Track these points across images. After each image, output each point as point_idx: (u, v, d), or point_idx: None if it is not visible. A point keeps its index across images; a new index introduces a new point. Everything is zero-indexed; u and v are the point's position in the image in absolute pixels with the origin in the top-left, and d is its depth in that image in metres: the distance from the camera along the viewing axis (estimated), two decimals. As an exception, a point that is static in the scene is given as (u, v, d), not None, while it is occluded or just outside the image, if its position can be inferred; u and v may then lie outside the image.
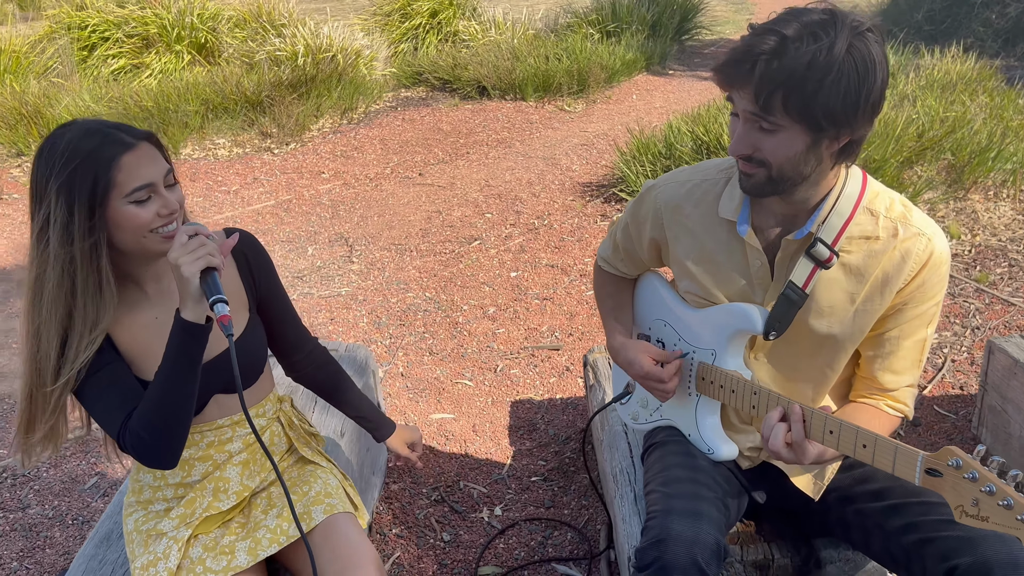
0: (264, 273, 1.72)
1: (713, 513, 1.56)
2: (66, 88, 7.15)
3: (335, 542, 1.61)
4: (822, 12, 1.36)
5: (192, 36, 8.29)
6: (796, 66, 1.29)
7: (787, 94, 1.31)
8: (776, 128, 1.36)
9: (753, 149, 1.41)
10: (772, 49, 1.30)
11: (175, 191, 1.48)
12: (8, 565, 2.36)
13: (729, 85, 1.39)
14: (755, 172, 1.44)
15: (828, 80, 1.31)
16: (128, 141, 1.42)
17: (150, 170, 1.42)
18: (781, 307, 1.57)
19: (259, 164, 6.13)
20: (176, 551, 1.59)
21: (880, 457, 1.35)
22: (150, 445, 1.46)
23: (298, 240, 4.81)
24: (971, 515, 1.21)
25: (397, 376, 3.26)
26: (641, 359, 1.75)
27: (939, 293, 1.55)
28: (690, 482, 1.63)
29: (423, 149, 6.36)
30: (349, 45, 7.88)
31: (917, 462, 1.29)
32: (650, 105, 7.61)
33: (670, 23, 10.18)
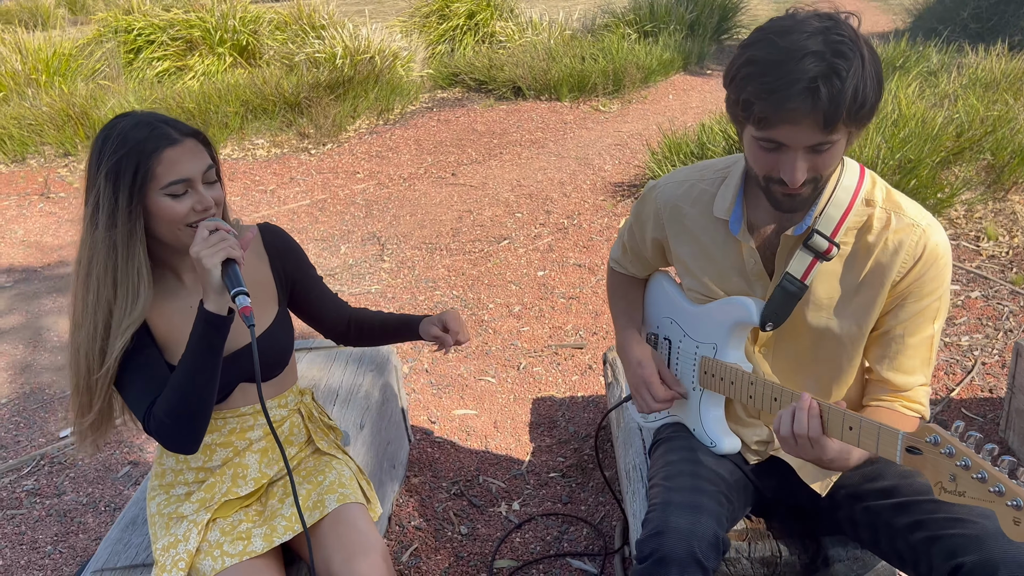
0: (293, 260, 1.79)
1: (712, 507, 1.58)
2: (112, 90, 7.35)
3: (343, 529, 1.65)
4: (819, 18, 1.35)
5: (234, 39, 8.46)
6: (853, 81, 1.28)
7: (849, 109, 1.29)
8: (831, 144, 1.35)
9: (809, 172, 1.39)
10: (823, 72, 1.27)
11: (215, 189, 1.54)
12: (43, 549, 2.46)
13: (785, 122, 1.32)
14: (803, 190, 1.42)
15: (872, 81, 1.31)
16: (173, 136, 1.49)
17: (188, 166, 1.48)
18: (778, 298, 1.58)
19: (296, 164, 6.24)
20: (195, 534, 1.65)
21: (865, 438, 1.36)
22: (172, 430, 1.52)
23: (332, 239, 4.89)
24: (949, 491, 1.21)
25: (422, 372, 3.31)
26: (650, 367, 1.77)
27: (940, 287, 1.54)
28: (691, 476, 1.65)
29: (457, 149, 6.42)
30: (387, 47, 7.98)
31: (898, 440, 1.29)
32: (686, 105, 7.57)
33: (709, 22, 10.12)
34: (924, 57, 6.92)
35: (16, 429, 3.07)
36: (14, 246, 5.02)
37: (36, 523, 2.56)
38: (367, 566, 1.57)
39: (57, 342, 3.78)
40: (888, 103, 5.30)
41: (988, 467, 1.17)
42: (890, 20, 10.88)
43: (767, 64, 1.32)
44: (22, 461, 2.84)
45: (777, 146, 1.38)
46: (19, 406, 3.23)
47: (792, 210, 1.49)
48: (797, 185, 1.39)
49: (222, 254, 1.41)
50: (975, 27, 8.79)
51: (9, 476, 2.78)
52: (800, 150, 1.36)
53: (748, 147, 1.45)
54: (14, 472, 2.80)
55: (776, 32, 1.34)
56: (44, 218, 5.46)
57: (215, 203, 1.54)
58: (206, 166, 1.51)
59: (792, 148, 1.36)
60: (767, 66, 1.32)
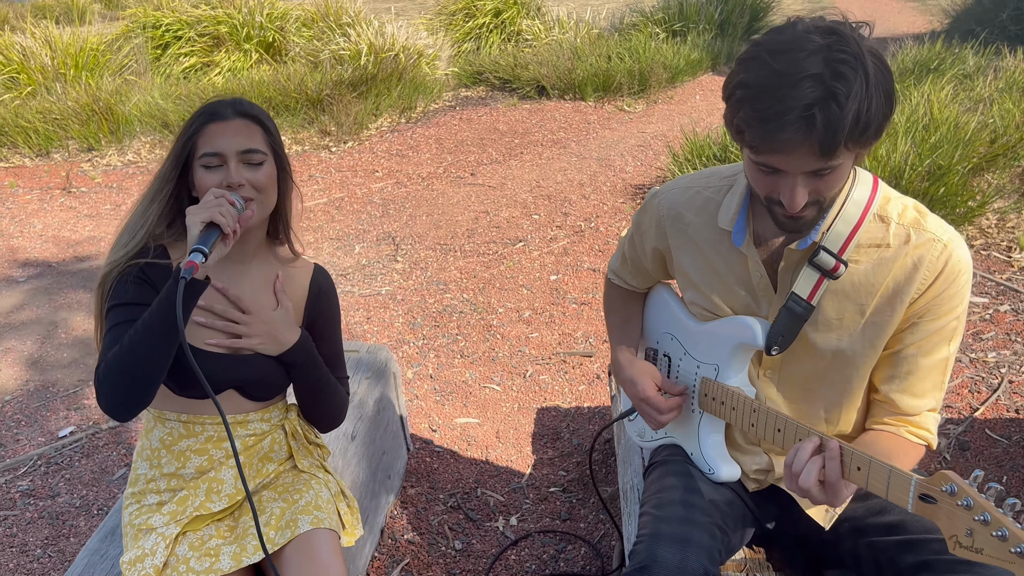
0: (321, 308, 1.77)
1: (703, 540, 1.48)
2: (139, 86, 7.38)
3: (305, 557, 1.59)
4: (822, 33, 1.23)
5: (260, 35, 8.46)
6: (854, 105, 1.17)
7: (850, 135, 1.20)
8: (833, 168, 1.26)
9: (811, 195, 1.30)
10: (820, 97, 1.17)
11: (254, 172, 1.53)
12: (32, 552, 2.42)
13: (780, 150, 1.23)
14: (806, 212, 1.33)
15: (877, 102, 1.21)
16: (224, 114, 1.55)
17: (225, 141, 1.52)
18: (784, 320, 1.48)
19: (316, 162, 6.21)
20: (163, 548, 1.59)
21: (874, 480, 1.26)
22: (109, 385, 1.47)
23: (347, 238, 4.84)
24: (965, 546, 1.11)
25: (426, 378, 3.24)
26: (645, 382, 1.68)
27: (958, 306, 1.43)
28: (682, 506, 1.56)
29: (477, 149, 6.35)
30: (411, 44, 7.93)
31: (911, 487, 1.19)
32: (713, 106, 7.43)
33: (739, 22, 9.96)
34: (960, 59, 6.72)
35: (17, 427, 3.05)
36: (32, 240, 5.03)
37: (28, 525, 2.53)
38: None
39: (67, 339, 3.77)
40: (920, 107, 5.13)
41: (1010, 524, 1.06)
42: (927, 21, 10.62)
43: (760, 89, 1.22)
44: (19, 461, 2.82)
45: (775, 171, 1.29)
46: (23, 403, 3.21)
47: (797, 231, 1.40)
48: (797, 210, 1.30)
49: (206, 214, 1.40)
50: (1014, 29, 8.53)
51: (5, 476, 2.75)
52: (799, 175, 1.27)
53: (747, 168, 1.36)
54: (10, 472, 2.77)
55: (772, 50, 1.22)
56: (64, 213, 5.48)
57: (251, 186, 1.53)
58: (247, 147, 1.52)
59: (790, 174, 1.27)
60: (760, 91, 1.22)
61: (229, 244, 1.44)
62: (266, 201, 1.57)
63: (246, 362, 1.64)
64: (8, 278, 4.48)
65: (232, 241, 1.45)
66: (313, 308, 1.74)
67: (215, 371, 1.62)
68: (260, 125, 1.56)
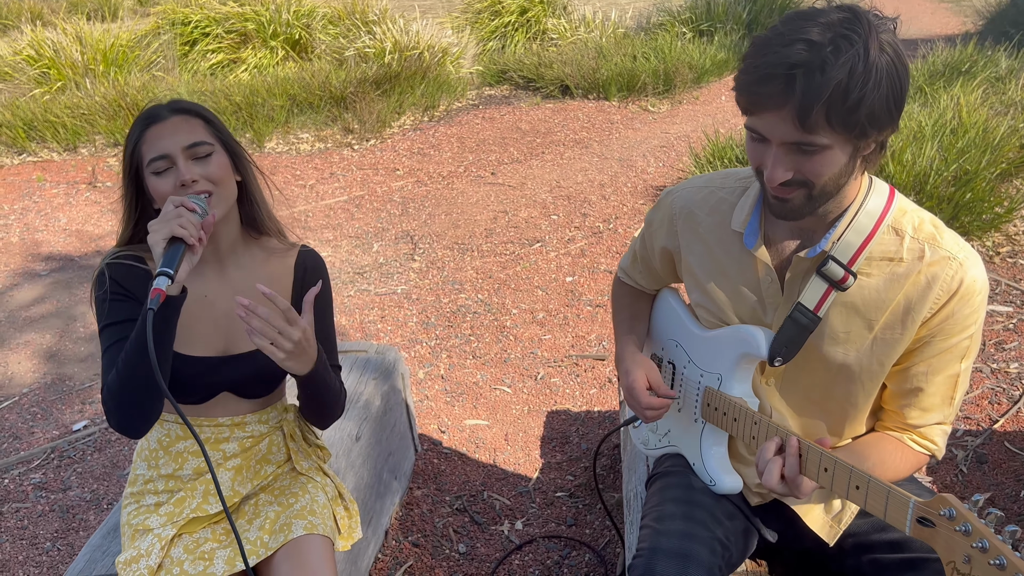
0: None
1: (703, 555, 1.45)
2: (166, 82, 7.45)
3: (296, 563, 1.58)
4: (840, 10, 1.23)
5: (287, 32, 8.51)
6: (839, 76, 1.15)
7: (831, 108, 1.17)
8: (819, 148, 1.23)
9: (794, 172, 1.26)
10: (807, 60, 1.15)
11: (205, 165, 1.50)
12: (42, 545, 2.45)
13: (761, 108, 1.22)
14: (793, 195, 1.29)
15: (870, 85, 1.17)
16: (160, 115, 1.51)
17: (168, 141, 1.48)
18: (789, 330, 1.44)
19: (338, 159, 6.23)
20: (159, 549, 1.59)
21: (872, 501, 1.23)
22: (113, 409, 1.48)
23: (365, 236, 4.85)
24: (963, 573, 1.07)
25: (437, 378, 3.23)
26: (637, 375, 1.63)
27: (972, 326, 1.39)
28: (683, 519, 1.53)
29: (499, 148, 6.33)
30: (436, 43, 7.93)
31: (908, 509, 1.16)
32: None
33: (768, 22, 9.84)
34: (992, 62, 6.58)
35: (33, 420, 3.08)
36: (56, 234, 5.10)
37: (39, 518, 2.56)
38: None
39: (84, 333, 3.81)
40: (948, 110, 5.04)
41: (1008, 553, 1.02)
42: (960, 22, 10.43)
43: (759, 45, 1.23)
44: (33, 453, 2.85)
45: (761, 138, 1.27)
46: (39, 396, 3.25)
47: (783, 216, 1.35)
48: (775, 184, 1.27)
49: (166, 230, 1.36)
50: (1052, 30, 8.35)
51: (19, 468, 2.79)
52: (780, 146, 1.24)
53: (746, 136, 1.33)
54: (24, 464, 2.80)
55: (789, 16, 1.24)
56: (89, 207, 5.54)
57: (205, 179, 1.50)
58: (191, 141, 1.49)
59: (772, 141, 1.25)
60: (758, 47, 1.23)
61: (199, 251, 1.41)
62: (225, 192, 1.53)
63: (239, 362, 1.63)
64: (31, 271, 4.54)
65: (201, 247, 1.41)
66: (300, 291, 1.70)
67: (208, 374, 1.61)
68: (199, 117, 1.53)
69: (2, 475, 2.75)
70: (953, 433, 2.76)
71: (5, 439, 2.95)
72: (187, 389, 1.62)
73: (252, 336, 1.41)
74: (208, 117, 1.56)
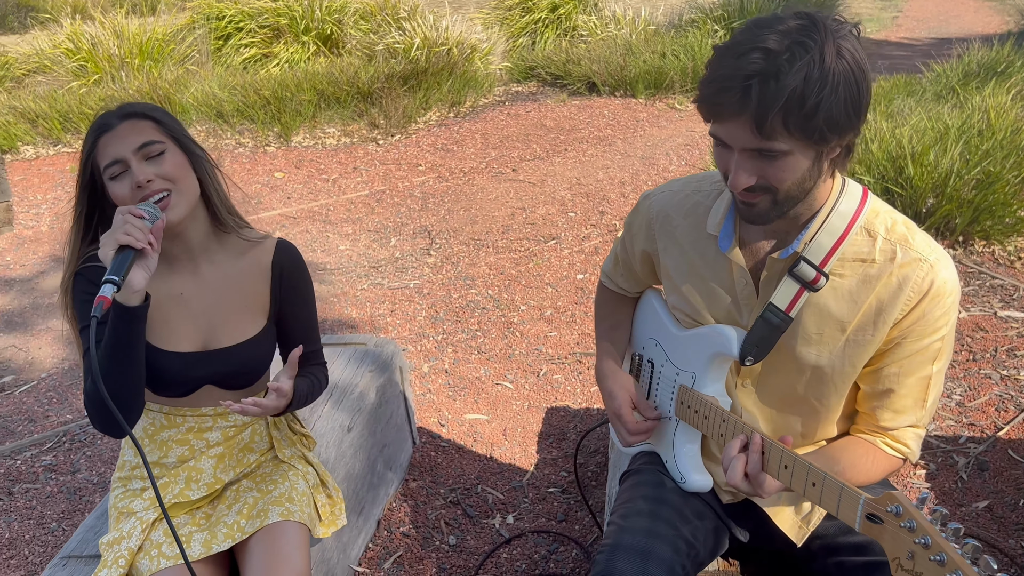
0: (291, 285, 1.77)
1: (666, 553, 1.46)
2: (199, 76, 7.58)
3: (268, 548, 1.61)
4: (797, 17, 1.24)
5: (319, 28, 8.60)
6: (794, 83, 1.16)
7: (787, 115, 1.18)
8: (779, 153, 1.24)
9: (757, 178, 1.27)
10: (763, 69, 1.17)
11: (158, 164, 1.52)
12: (48, 525, 2.52)
13: (720, 118, 1.24)
14: (758, 200, 1.31)
15: (827, 91, 1.19)
16: (110, 124, 1.53)
17: (118, 146, 1.50)
18: (760, 330, 1.45)
19: (362, 154, 6.29)
20: (139, 532, 1.64)
21: (826, 498, 1.24)
22: (92, 413, 1.53)
23: (384, 230, 4.89)
24: (906, 569, 1.08)
25: (441, 372, 3.26)
26: (622, 398, 1.67)
27: (943, 328, 1.39)
28: (648, 516, 1.54)
29: (522, 145, 6.34)
30: (465, 39, 7.96)
31: (859, 505, 1.16)
32: (768, 106, 7.28)
33: (803, 20, 9.71)
34: (1029, 62, 6.44)
35: (48, 404, 3.17)
36: (86, 224, 5.22)
37: (47, 499, 2.64)
38: None
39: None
40: (976, 112, 4.94)
41: (949, 549, 1.03)
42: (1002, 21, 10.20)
43: (719, 54, 1.25)
44: (45, 436, 2.94)
45: (725, 144, 1.28)
46: (56, 381, 3.34)
47: (751, 220, 1.37)
48: (739, 189, 1.29)
49: (112, 240, 1.38)
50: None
51: (32, 450, 2.87)
52: (742, 152, 1.26)
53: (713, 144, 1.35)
54: (37, 447, 2.89)
55: (750, 24, 1.25)
56: (118, 198, 5.67)
57: (160, 178, 1.52)
58: (140, 143, 1.51)
59: (734, 148, 1.26)
60: (719, 56, 1.25)
61: (152, 255, 1.41)
62: (184, 188, 1.54)
63: (218, 356, 1.67)
64: (58, 260, 4.66)
65: (154, 251, 1.42)
66: (279, 288, 1.74)
67: (189, 369, 1.66)
68: (148, 119, 1.54)
69: (15, 456, 2.84)
70: (955, 439, 2.72)
71: (21, 422, 3.04)
72: (169, 383, 1.66)
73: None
74: (158, 118, 1.57)
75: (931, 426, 2.81)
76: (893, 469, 1.49)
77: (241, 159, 6.22)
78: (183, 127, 1.63)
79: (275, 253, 1.75)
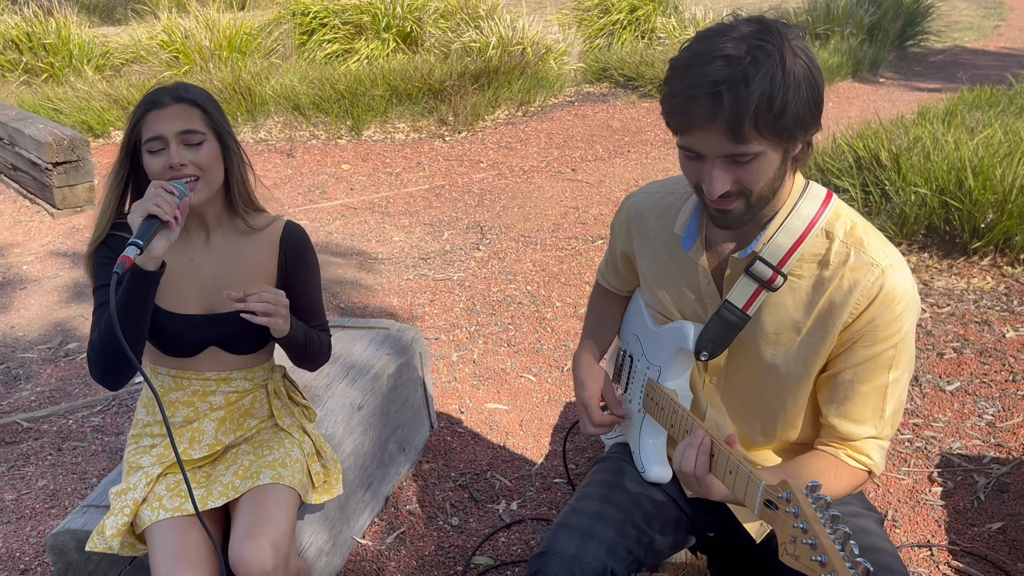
0: (296, 264, 1.90)
1: (609, 535, 1.51)
2: (282, 69, 7.89)
3: (253, 508, 1.73)
4: (749, 23, 1.28)
5: (399, 25, 8.82)
6: (762, 87, 1.20)
7: (759, 118, 1.22)
8: (752, 156, 1.27)
9: (732, 183, 1.31)
10: (729, 75, 1.21)
11: (195, 152, 1.67)
12: (89, 480, 2.73)
13: (692, 127, 1.27)
14: (733, 205, 1.34)
15: (791, 91, 1.23)
16: (162, 101, 1.68)
17: (164, 126, 1.65)
18: (715, 327, 1.49)
19: (427, 150, 6.45)
20: (144, 485, 1.79)
21: (738, 485, 1.27)
22: (93, 363, 1.69)
23: (438, 224, 5.02)
24: (790, 553, 1.13)
25: (469, 362, 3.35)
26: (592, 389, 1.72)
27: (896, 335, 1.39)
28: (600, 500, 1.59)
29: (585, 145, 6.39)
30: (540, 39, 8.04)
31: (759, 491, 1.20)
32: (843, 113, 7.13)
33: (892, 27, 9.44)
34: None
35: (105, 370, 3.40)
36: (162, 206, 5.53)
37: (91, 456, 2.85)
38: (252, 549, 1.64)
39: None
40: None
41: (822, 533, 1.07)
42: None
43: (679, 68, 1.28)
44: (96, 400, 3.16)
45: (696, 155, 1.31)
46: (115, 350, 3.58)
47: (726, 226, 1.40)
48: (715, 196, 1.31)
49: (143, 208, 1.53)
50: None
51: (83, 412, 3.09)
52: (716, 160, 1.29)
53: (679, 157, 1.38)
54: (88, 408, 3.11)
55: (702, 35, 1.29)
56: (195, 183, 5.97)
57: (193, 165, 1.67)
58: (184, 128, 1.65)
59: (708, 157, 1.29)
60: (678, 70, 1.28)
61: (175, 228, 1.56)
62: (210, 178, 1.70)
63: (222, 320, 1.80)
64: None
65: (178, 225, 1.56)
66: (285, 264, 1.87)
67: (194, 330, 1.79)
68: (198, 107, 1.68)
69: (68, 416, 3.06)
70: (979, 459, 2.65)
71: (78, 385, 3.28)
72: (175, 343, 1.80)
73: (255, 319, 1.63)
74: (207, 108, 1.71)
75: (955, 444, 2.74)
76: (858, 483, 1.49)
77: (313, 150, 6.46)
78: (227, 121, 1.78)
79: (284, 231, 1.89)
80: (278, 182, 5.80)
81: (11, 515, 2.56)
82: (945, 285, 3.81)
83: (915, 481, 2.59)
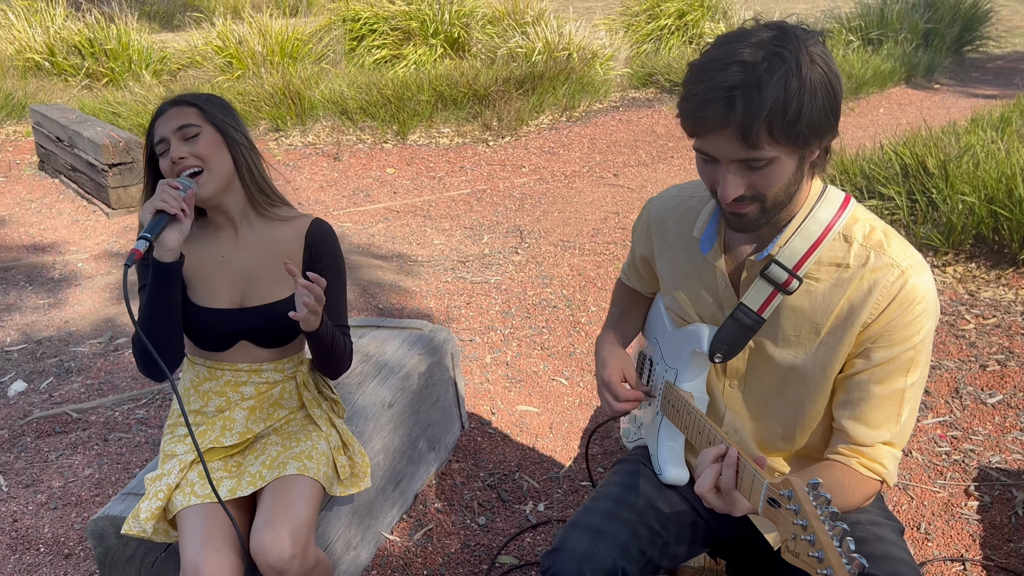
0: (320, 259, 1.96)
1: (621, 535, 1.52)
2: (332, 74, 8.04)
3: (276, 498, 1.78)
4: (768, 28, 1.29)
5: (447, 31, 8.92)
6: (776, 93, 1.22)
7: (772, 123, 1.23)
8: (765, 161, 1.29)
9: (746, 188, 1.32)
10: (744, 81, 1.22)
11: (194, 144, 1.78)
12: (132, 470, 2.82)
13: (705, 131, 1.29)
14: (747, 209, 1.35)
15: (807, 97, 1.24)
16: (163, 109, 1.82)
17: (164, 127, 1.79)
18: (730, 329, 1.50)
19: (470, 154, 6.51)
20: (178, 471, 1.86)
21: (744, 484, 1.27)
22: (137, 357, 1.79)
23: (478, 228, 5.07)
24: (791, 551, 1.13)
25: (502, 364, 3.38)
26: (612, 366, 1.72)
27: (914, 337, 1.39)
28: (614, 500, 1.60)
29: (628, 150, 6.38)
30: (586, 44, 8.06)
31: (763, 489, 1.20)
32: (895, 120, 7.00)
33: (948, 32, 9.24)
34: None
35: (151, 365, 3.51)
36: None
37: (135, 447, 2.94)
38: (271, 537, 1.69)
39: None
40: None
41: (820, 530, 1.07)
42: None
43: (696, 71, 1.29)
44: (142, 393, 3.26)
45: (711, 159, 1.33)
46: (161, 346, 3.69)
47: (741, 230, 1.41)
48: (729, 200, 1.33)
49: (151, 206, 1.64)
50: None
51: (129, 404, 3.20)
52: (730, 164, 1.30)
53: (696, 159, 1.40)
54: (133, 401, 3.22)
55: (721, 40, 1.31)
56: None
57: (193, 156, 1.77)
58: (179, 124, 1.77)
59: (722, 161, 1.31)
60: (695, 73, 1.29)
61: (185, 220, 1.67)
62: (214, 167, 1.78)
63: (253, 313, 1.87)
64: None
65: (187, 217, 1.67)
66: (310, 260, 1.93)
67: (225, 324, 1.86)
68: (193, 106, 1.80)
69: (115, 408, 3.17)
70: (1018, 474, 2.59)
71: (125, 378, 3.39)
72: (207, 336, 1.87)
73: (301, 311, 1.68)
74: (201, 105, 1.82)
75: (995, 458, 2.69)
76: (871, 493, 1.47)
77: (359, 154, 6.57)
78: (233, 117, 1.86)
79: (310, 226, 1.95)
80: (324, 185, 5.91)
81: (58, 501, 2.67)
82: (992, 296, 3.73)
83: (951, 494, 2.54)
